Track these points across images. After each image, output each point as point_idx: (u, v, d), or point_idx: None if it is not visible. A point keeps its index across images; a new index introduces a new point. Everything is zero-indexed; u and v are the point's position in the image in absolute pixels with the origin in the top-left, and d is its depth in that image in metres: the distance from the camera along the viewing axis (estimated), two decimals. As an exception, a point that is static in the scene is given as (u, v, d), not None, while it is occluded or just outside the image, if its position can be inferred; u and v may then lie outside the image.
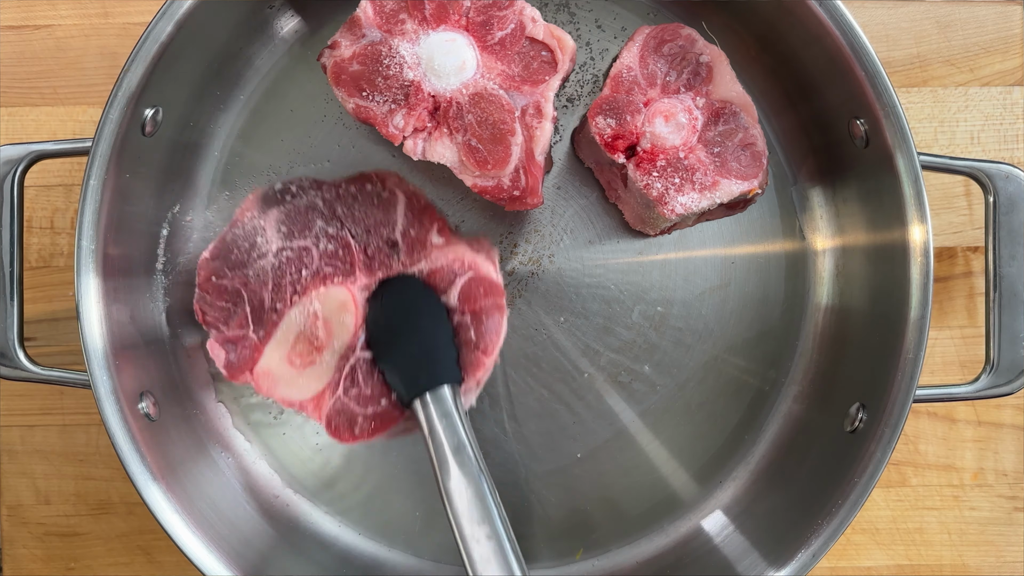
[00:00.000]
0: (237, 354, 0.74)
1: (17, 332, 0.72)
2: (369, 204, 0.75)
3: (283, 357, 0.74)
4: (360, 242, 0.74)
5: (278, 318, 0.74)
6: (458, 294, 0.73)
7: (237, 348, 0.74)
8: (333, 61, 0.71)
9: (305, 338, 0.73)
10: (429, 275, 0.73)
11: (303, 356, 0.73)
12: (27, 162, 0.72)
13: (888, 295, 0.74)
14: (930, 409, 0.85)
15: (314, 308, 0.73)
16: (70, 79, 0.84)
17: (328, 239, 0.74)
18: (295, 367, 0.73)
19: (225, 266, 0.75)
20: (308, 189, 0.76)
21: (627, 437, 0.81)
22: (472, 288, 0.73)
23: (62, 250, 0.84)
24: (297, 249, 0.74)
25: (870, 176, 0.75)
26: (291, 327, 0.74)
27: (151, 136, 0.74)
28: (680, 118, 0.74)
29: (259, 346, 0.74)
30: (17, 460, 0.84)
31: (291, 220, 0.75)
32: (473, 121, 0.70)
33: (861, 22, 0.71)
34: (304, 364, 0.73)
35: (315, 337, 0.73)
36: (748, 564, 0.75)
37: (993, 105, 0.85)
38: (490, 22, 0.71)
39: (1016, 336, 0.73)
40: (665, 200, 0.73)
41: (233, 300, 0.75)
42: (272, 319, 0.74)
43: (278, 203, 0.76)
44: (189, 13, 0.70)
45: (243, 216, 0.76)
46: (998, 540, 0.85)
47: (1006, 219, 0.73)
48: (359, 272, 0.74)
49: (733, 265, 0.81)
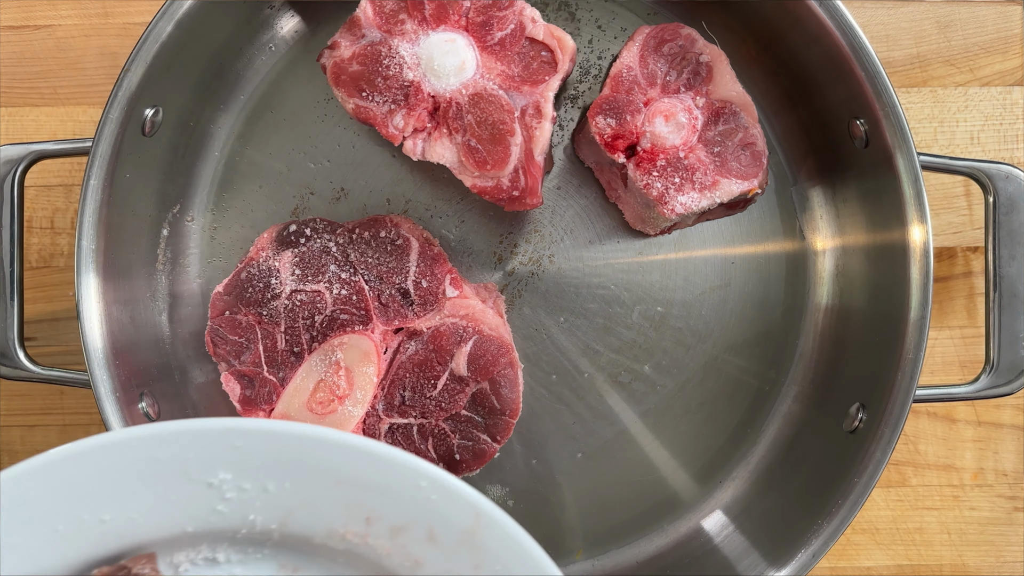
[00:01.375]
0: (254, 391, 0.75)
1: (17, 332, 0.72)
2: (382, 250, 0.75)
3: (303, 404, 0.74)
4: (373, 288, 0.74)
5: (296, 361, 0.74)
6: (467, 360, 0.73)
7: (254, 385, 0.75)
8: (333, 61, 0.71)
9: (327, 386, 0.74)
10: (434, 335, 0.74)
11: (323, 404, 0.74)
12: (27, 162, 0.72)
13: (888, 295, 0.74)
14: (930, 409, 0.85)
15: (336, 357, 0.73)
16: (70, 79, 0.84)
17: (341, 284, 0.74)
18: (315, 413, 0.74)
19: (239, 302, 0.75)
20: (322, 232, 0.76)
21: (627, 437, 0.81)
22: (482, 352, 0.73)
23: (62, 250, 0.84)
24: (310, 293, 0.74)
25: (870, 176, 0.75)
26: (312, 374, 0.74)
27: (151, 136, 0.74)
28: (680, 118, 0.74)
29: (277, 388, 0.74)
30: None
31: (304, 263, 0.75)
32: (472, 121, 0.70)
33: (861, 22, 0.71)
34: (325, 412, 0.74)
35: (337, 386, 0.73)
36: (748, 564, 0.75)
37: (993, 105, 0.85)
38: (490, 22, 0.71)
39: (1016, 336, 0.73)
40: (665, 200, 0.73)
41: (247, 336, 0.75)
42: (289, 362, 0.74)
43: (292, 245, 0.76)
44: (189, 13, 0.71)
45: (257, 255, 0.76)
46: (998, 540, 0.85)
47: (1006, 219, 0.73)
48: (376, 320, 0.74)
49: (733, 265, 0.81)
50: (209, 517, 0.60)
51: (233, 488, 0.59)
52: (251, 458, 0.58)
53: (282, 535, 0.61)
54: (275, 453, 0.58)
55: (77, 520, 0.58)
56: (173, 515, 0.59)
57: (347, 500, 0.59)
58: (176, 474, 0.58)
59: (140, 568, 0.58)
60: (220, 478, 0.58)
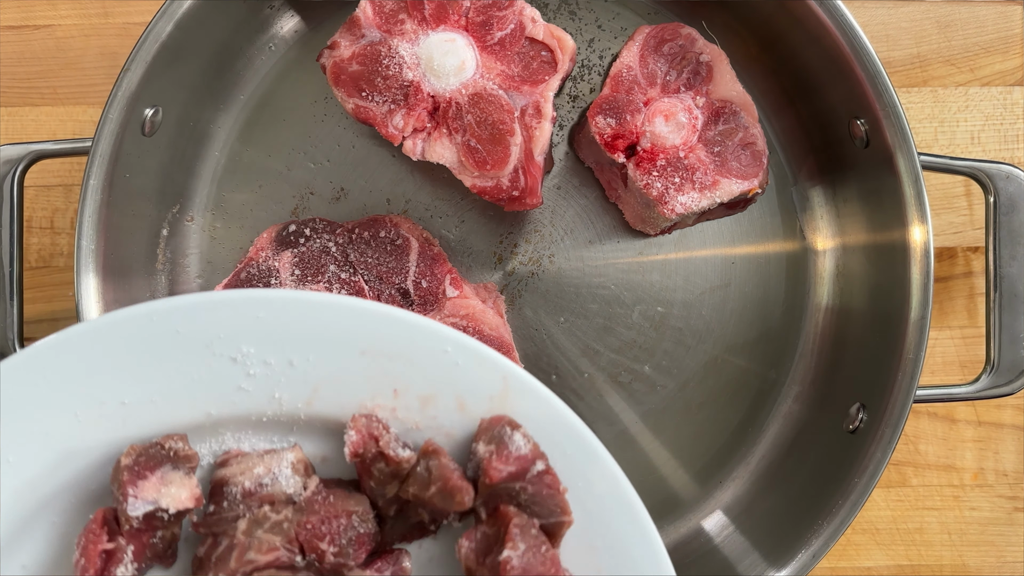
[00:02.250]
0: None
1: (17, 332, 0.72)
2: (382, 250, 0.74)
3: None
4: (373, 288, 0.73)
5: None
6: None
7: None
8: (332, 61, 0.71)
9: None
10: None
11: None
12: (27, 162, 0.72)
13: (888, 295, 0.74)
14: (930, 409, 0.85)
15: None
16: (70, 79, 0.84)
17: (341, 284, 0.74)
18: None
19: None
20: (322, 232, 0.76)
21: (627, 437, 0.81)
22: None
23: (62, 250, 0.84)
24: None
25: (870, 176, 0.74)
26: None
27: (151, 136, 0.74)
28: (680, 117, 0.74)
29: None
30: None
31: (304, 263, 0.75)
32: (472, 121, 0.70)
33: (861, 22, 0.71)
34: None
35: None
36: (748, 564, 0.75)
37: (993, 105, 0.85)
38: (490, 22, 0.71)
39: (1016, 336, 0.73)
40: (665, 199, 0.73)
41: None
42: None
43: (291, 245, 0.76)
44: (189, 13, 0.71)
45: (257, 255, 0.76)
46: (998, 540, 0.85)
47: (1006, 219, 0.73)
48: None
49: (733, 265, 0.81)
50: (233, 396, 0.58)
51: (257, 362, 0.57)
52: (274, 329, 0.57)
53: (308, 416, 0.59)
54: (298, 324, 0.57)
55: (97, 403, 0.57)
56: (196, 395, 0.58)
57: (373, 371, 0.58)
58: (198, 348, 0.57)
59: (173, 443, 0.57)
60: (243, 351, 0.57)
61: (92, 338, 0.56)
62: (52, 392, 0.56)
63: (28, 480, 0.57)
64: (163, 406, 0.58)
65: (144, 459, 0.56)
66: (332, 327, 0.57)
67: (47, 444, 0.57)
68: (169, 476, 0.57)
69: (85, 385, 0.56)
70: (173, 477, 0.57)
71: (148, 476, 0.56)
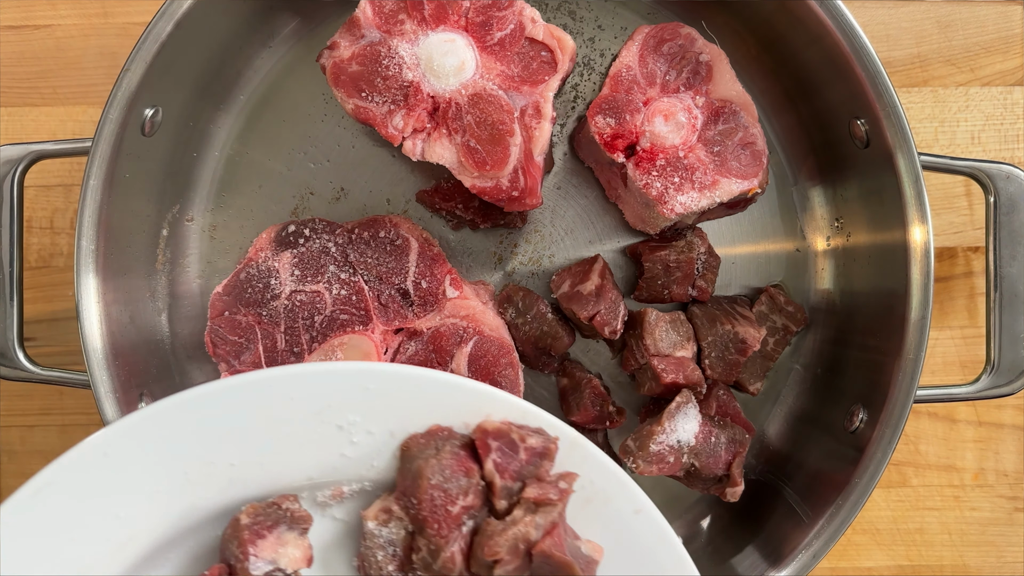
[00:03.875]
0: None
1: (17, 332, 0.72)
2: (381, 251, 0.74)
3: None
4: (373, 289, 0.73)
5: (296, 361, 0.74)
6: (467, 361, 0.73)
7: None
8: (332, 62, 0.71)
9: None
10: (435, 336, 0.74)
11: None
12: (27, 162, 0.72)
13: (889, 295, 0.74)
14: (930, 409, 0.85)
15: (337, 357, 0.73)
16: (70, 79, 0.84)
17: (341, 284, 0.74)
18: None
19: (238, 303, 0.75)
20: (321, 232, 0.76)
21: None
22: (483, 353, 0.73)
23: (62, 250, 0.84)
24: (310, 293, 0.74)
25: (870, 176, 0.74)
26: None
27: (151, 136, 0.74)
28: (680, 117, 0.74)
29: None
30: (17, 460, 0.84)
31: (304, 263, 0.75)
32: (472, 122, 0.70)
33: (861, 22, 0.71)
34: None
35: None
36: (748, 564, 0.75)
37: (994, 105, 0.85)
38: (489, 22, 0.71)
39: (1016, 336, 0.72)
40: (665, 199, 0.73)
41: (246, 336, 0.75)
42: (289, 361, 0.74)
43: (291, 245, 0.76)
44: (189, 13, 0.70)
45: (257, 255, 0.76)
46: (998, 540, 0.85)
47: (1007, 219, 0.72)
48: (376, 320, 0.74)
49: (733, 265, 0.81)
50: (335, 462, 0.60)
51: (361, 432, 0.59)
52: (380, 401, 0.59)
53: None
54: (403, 397, 0.59)
55: (208, 464, 0.58)
56: (301, 460, 0.60)
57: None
58: (309, 415, 0.59)
59: (288, 504, 0.59)
60: (350, 419, 0.59)
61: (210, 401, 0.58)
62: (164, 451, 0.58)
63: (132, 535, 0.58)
64: (270, 469, 0.60)
65: (262, 519, 0.58)
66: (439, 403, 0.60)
67: (156, 501, 0.58)
68: (285, 536, 0.58)
69: (197, 446, 0.58)
70: (288, 537, 0.59)
71: (266, 536, 0.58)
